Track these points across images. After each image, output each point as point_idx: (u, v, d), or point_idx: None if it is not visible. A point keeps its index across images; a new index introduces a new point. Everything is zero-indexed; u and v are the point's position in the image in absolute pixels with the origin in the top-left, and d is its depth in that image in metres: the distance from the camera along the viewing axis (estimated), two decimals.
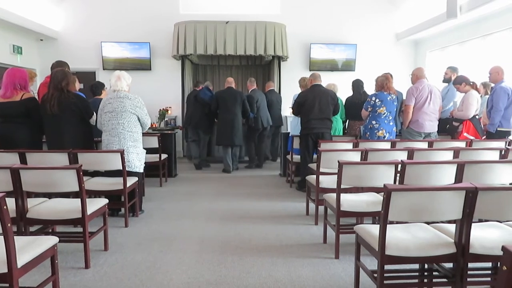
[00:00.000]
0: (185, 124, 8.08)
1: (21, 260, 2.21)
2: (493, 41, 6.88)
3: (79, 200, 3.12)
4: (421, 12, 8.32)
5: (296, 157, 6.01)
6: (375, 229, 2.49)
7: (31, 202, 3.25)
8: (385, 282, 2.39)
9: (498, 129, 5.32)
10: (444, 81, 6.42)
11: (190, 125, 7.68)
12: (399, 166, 3.29)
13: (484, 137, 5.50)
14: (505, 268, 1.27)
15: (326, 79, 6.81)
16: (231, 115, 7.22)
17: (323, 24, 9.34)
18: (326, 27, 9.35)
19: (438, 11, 7.36)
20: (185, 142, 8.21)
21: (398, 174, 3.31)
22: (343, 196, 3.37)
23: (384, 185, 2.26)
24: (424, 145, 4.93)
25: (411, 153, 4.13)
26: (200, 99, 7.50)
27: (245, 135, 7.78)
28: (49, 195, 3.55)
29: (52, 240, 2.54)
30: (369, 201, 3.38)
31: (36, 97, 4.76)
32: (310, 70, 8.79)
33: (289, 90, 8.29)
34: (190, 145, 8.04)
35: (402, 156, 4.04)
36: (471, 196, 2.26)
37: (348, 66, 9.38)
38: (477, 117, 5.69)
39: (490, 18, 6.75)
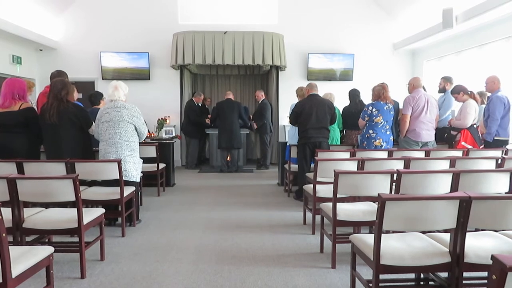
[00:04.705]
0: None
1: (16, 270, 2.21)
2: (489, 50, 6.94)
3: (75, 210, 3.12)
4: (418, 22, 8.39)
5: (294, 166, 6.01)
6: (370, 238, 2.49)
7: (27, 212, 3.25)
8: None
9: (495, 138, 5.33)
10: (440, 91, 6.46)
11: (181, 130, 8.95)
12: (395, 175, 3.30)
13: (482, 146, 5.52)
14: (495, 277, 1.28)
15: (324, 89, 6.87)
16: (230, 122, 8.16)
17: (320, 34, 9.42)
18: (323, 37, 9.43)
19: (434, 21, 7.42)
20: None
21: (394, 183, 3.33)
22: (340, 206, 3.38)
23: (378, 194, 2.27)
24: (421, 154, 4.94)
25: (407, 162, 4.13)
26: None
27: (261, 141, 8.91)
28: (46, 205, 3.54)
29: (48, 250, 2.54)
30: (366, 210, 3.38)
31: (35, 107, 4.78)
32: (308, 80, 8.85)
33: (287, 100, 8.32)
34: None
35: (398, 165, 4.04)
36: (465, 205, 2.27)
37: (346, 75, 9.43)
38: (475, 126, 5.72)
39: (486, 28, 6.81)
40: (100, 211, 3.54)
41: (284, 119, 8.84)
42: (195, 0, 9.26)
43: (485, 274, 2.79)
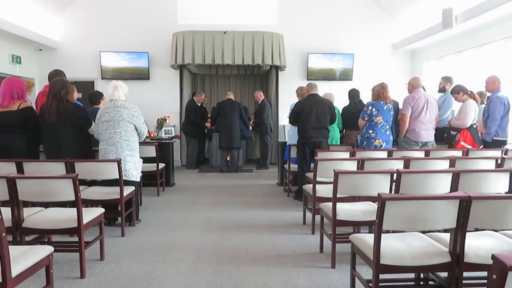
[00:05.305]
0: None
1: (16, 269, 2.21)
2: (488, 50, 6.94)
3: (75, 209, 3.12)
4: (418, 22, 8.39)
5: (293, 166, 6.01)
6: (370, 238, 2.49)
7: (27, 212, 3.25)
8: None
9: (494, 138, 5.33)
10: (439, 91, 6.46)
11: (182, 130, 8.90)
12: (395, 175, 3.30)
13: (482, 146, 5.52)
14: (495, 276, 1.28)
15: (323, 89, 6.86)
16: (230, 122, 8.15)
17: (320, 34, 9.42)
18: (323, 37, 9.43)
19: (434, 21, 7.42)
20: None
21: (394, 183, 3.33)
22: (339, 205, 3.37)
23: (378, 194, 2.27)
24: (421, 154, 4.94)
25: (407, 162, 4.14)
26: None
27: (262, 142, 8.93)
28: (46, 205, 3.54)
29: (47, 249, 2.54)
30: (365, 210, 3.38)
31: (34, 107, 4.77)
32: (307, 80, 8.84)
33: (287, 99, 8.32)
34: None
35: (398, 165, 4.04)
36: (465, 205, 2.26)
37: (345, 75, 9.43)
38: (474, 126, 5.71)
39: (485, 28, 6.81)
40: (100, 210, 3.53)
41: (283, 119, 8.85)
42: (195, 0, 9.26)
43: (485, 274, 2.79)
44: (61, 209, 3.47)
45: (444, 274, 2.60)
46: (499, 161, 4.30)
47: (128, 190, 4.29)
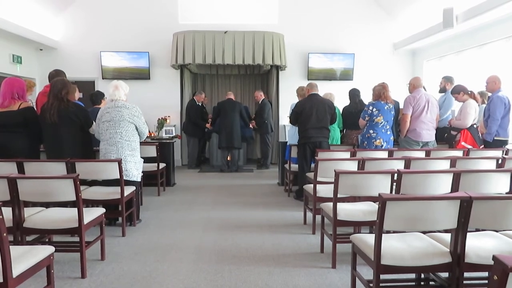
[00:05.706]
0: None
1: (17, 269, 2.21)
2: (489, 50, 6.93)
3: (76, 209, 3.12)
4: (418, 22, 8.39)
5: (294, 166, 6.02)
6: (370, 238, 2.49)
7: (28, 212, 3.25)
8: None
9: (495, 138, 5.33)
10: (440, 91, 6.46)
11: (182, 129, 8.91)
12: (396, 175, 3.30)
13: (482, 146, 5.51)
14: (496, 277, 1.28)
15: (324, 88, 6.87)
16: (230, 121, 8.16)
17: (321, 34, 9.41)
18: (324, 36, 9.42)
19: (435, 21, 7.42)
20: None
21: (395, 183, 3.33)
22: (340, 206, 3.37)
23: (379, 194, 2.27)
24: (422, 154, 4.94)
25: (408, 162, 4.13)
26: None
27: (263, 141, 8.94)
28: (46, 205, 3.54)
29: (48, 249, 2.54)
30: (366, 210, 3.38)
31: (34, 107, 4.77)
32: (308, 79, 8.84)
33: (287, 99, 8.32)
34: None
35: (399, 165, 4.04)
36: (465, 205, 2.26)
37: (346, 75, 9.43)
38: (475, 126, 5.71)
39: (486, 28, 6.81)
40: (101, 210, 3.54)
41: (284, 118, 8.85)
42: (195, 0, 9.26)
43: (485, 274, 2.79)
44: (62, 209, 3.47)
45: (444, 275, 2.60)
46: (499, 161, 4.30)
47: (128, 190, 4.29)
